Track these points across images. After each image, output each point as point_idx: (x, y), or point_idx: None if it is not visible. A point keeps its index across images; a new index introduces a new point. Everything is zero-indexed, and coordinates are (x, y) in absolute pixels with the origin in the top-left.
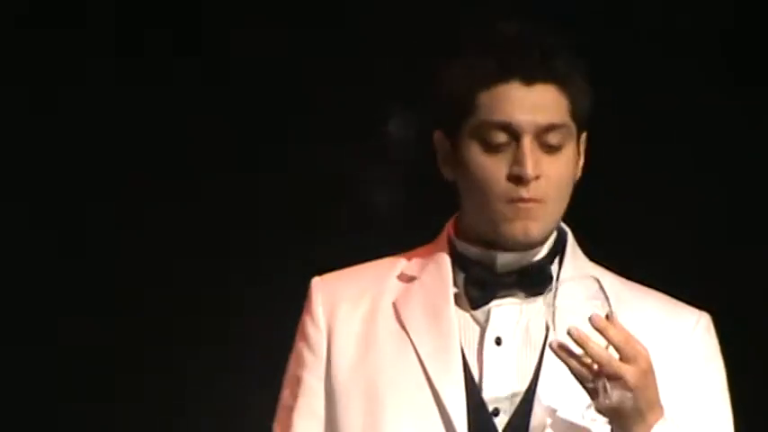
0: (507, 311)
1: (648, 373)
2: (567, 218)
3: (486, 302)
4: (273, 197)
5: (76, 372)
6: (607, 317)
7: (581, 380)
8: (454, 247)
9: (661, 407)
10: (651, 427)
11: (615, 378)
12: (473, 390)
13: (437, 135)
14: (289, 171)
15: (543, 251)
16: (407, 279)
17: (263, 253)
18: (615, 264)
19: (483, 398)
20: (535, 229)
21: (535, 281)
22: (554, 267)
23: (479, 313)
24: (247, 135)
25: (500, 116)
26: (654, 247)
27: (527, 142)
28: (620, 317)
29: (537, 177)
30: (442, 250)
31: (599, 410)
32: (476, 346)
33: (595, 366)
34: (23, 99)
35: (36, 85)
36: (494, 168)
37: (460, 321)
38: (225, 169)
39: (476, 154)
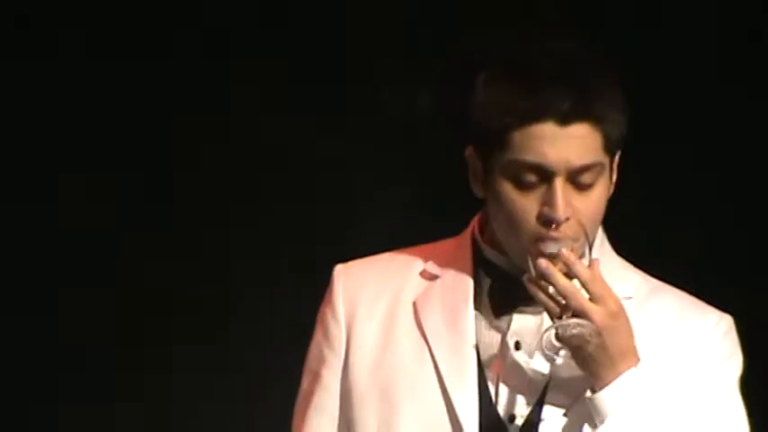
0: (528, 317)
1: (618, 316)
2: None
3: (509, 310)
4: (274, 197)
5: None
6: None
7: (549, 313)
8: (479, 250)
9: (637, 357)
10: (620, 374)
11: (580, 314)
12: (487, 398)
13: (469, 151)
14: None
15: None
16: (429, 277)
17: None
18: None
19: (497, 406)
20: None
21: None
22: None
23: (500, 320)
24: None
25: (532, 157)
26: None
27: (559, 184)
28: (641, 313)
29: (567, 219)
30: (465, 250)
31: (568, 348)
32: (495, 353)
33: (563, 300)
34: None
35: None
36: (524, 206)
37: (479, 327)
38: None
39: (507, 189)
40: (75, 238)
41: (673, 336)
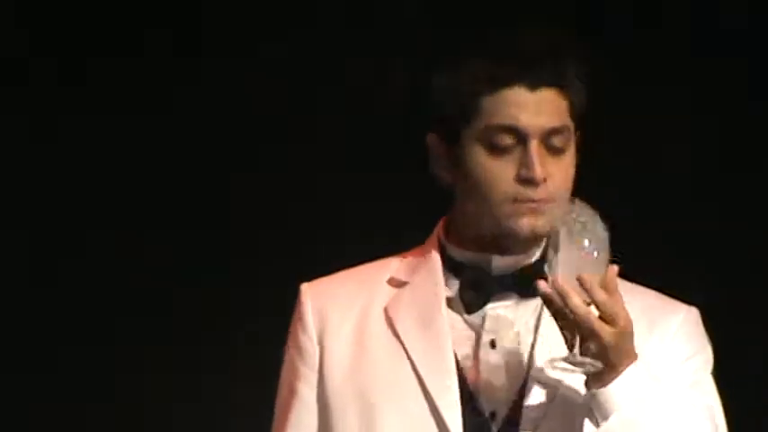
0: (502, 315)
1: (626, 334)
2: None
3: (481, 306)
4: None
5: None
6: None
7: (560, 326)
8: (445, 251)
9: (635, 354)
10: (620, 373)
11: (591, 335)
12: (467, 395)
13: (431, 138)
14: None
15: (537, 254)
16: (398, 284)
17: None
18: None
19: (479, 403)
20: (541, 224)
21: (531, 283)
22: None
23: (474, 317)
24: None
25: (506, 120)
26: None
27: (534, 145)
28: None
29: (545, 180)
30: (432, 254)
31: (571, 363)
32: (471, 351)
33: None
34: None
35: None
36: (500, 170)
37: (454, 326)
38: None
39: (480, 156)
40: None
41: (642, 331)
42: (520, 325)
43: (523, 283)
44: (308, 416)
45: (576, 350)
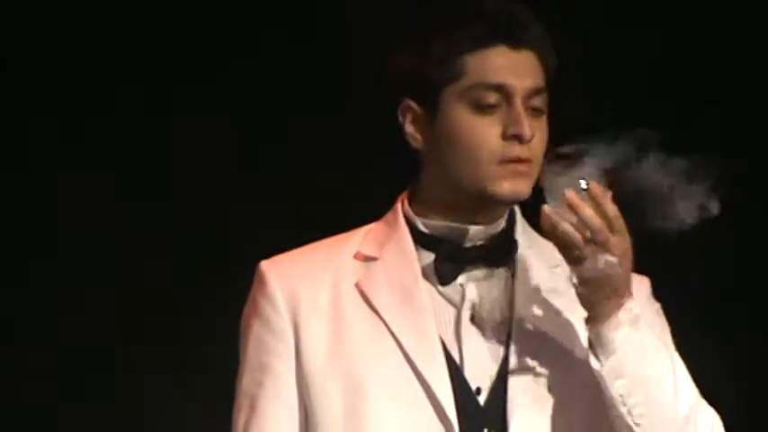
0: (478, 287)
1: (629, 250)
2: None
3: (455, 278)
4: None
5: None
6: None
7: (570, 244)
8: (414, 225)
9: (632, 293)
10: (623, 305)
11: (604, 246)
12: (455, 371)
13: (405, 103)
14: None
15: (503, 222)
16: (366, 259)
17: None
18: None
19: (466, 378)
20: (525, 188)
21: (502, 250)
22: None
23: (449, 290)
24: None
25: (493, 78)
26: None
27: (520, 103)
28: (566, 283)
29: (533, 137)
30: (399, 228)
31: (580, 280)
32: (452, 326)
33: (587, 233)
34: None
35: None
36: (486, 128)
37: (432, 300)
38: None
39: (465, 116)
40: None
41: None
42: (496, 293)
43: (496, 251)
44: (284, 387)
45: (591, 261)
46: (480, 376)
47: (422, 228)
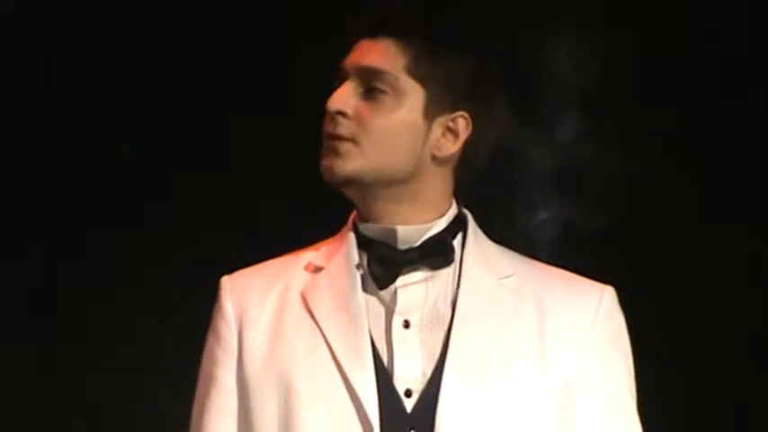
0: (413, 291)
1: None
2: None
3: (392, 281)
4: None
5: None
6: None
7: None
8: (357, 230)
9: None
10: None
11: None
12: (383, 374)
13: None
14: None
15: (441, 225)
16: (314, 269)
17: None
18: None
19: (393, 381)
20: (337, 166)
21: (437, 253)
22: (456, 243)
23: (386, 294)
24: None
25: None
26: None
27: (347, 82)
28: (526, 286)
29: (342, 114)
30: (347, 235)
31: None
32: (383, 329)
33: None
34: None
35: None
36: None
37: (368, 304)
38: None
39: None
40: None
41: (561, 314)
42: (434, 300)
43: (431, 254)
44: (228, 398)
45: None
46: (411, 380)
47: (362, 231)
